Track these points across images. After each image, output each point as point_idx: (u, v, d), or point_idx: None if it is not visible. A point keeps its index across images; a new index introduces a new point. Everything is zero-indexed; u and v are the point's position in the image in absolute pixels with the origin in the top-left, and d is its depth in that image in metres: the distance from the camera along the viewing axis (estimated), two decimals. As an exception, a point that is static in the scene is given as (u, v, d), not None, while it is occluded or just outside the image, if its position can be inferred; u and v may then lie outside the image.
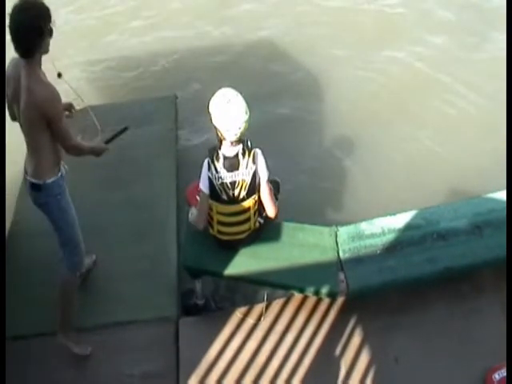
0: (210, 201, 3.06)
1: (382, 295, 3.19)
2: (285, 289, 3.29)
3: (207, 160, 2.98)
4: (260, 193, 3.08)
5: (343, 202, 4.21)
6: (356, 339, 3.08)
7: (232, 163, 2.94)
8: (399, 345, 3.04)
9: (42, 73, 2.63)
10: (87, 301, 3.32)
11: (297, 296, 3.28)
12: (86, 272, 3.43)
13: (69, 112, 2.98)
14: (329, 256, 3.24)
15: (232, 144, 2.93)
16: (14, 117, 2.77)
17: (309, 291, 3.16)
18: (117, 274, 3.50)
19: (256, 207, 3.10)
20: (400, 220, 3.37)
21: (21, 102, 2.60)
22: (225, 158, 2.94)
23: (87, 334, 3.21)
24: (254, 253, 3.22)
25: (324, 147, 4.72)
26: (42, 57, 2.62)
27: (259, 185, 3.04)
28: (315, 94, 5.18)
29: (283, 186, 3.55)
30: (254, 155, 2.96)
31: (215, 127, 2.93)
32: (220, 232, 3.16)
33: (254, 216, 3.12)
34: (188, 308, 3.42)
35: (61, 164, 2.85)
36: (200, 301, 3.41)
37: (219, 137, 2.95)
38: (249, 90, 5.03)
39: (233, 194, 3.01)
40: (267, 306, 3.25)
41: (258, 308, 3.26)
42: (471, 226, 3.28)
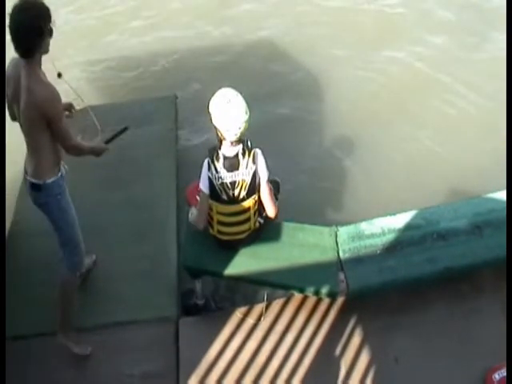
0: (210, 201, 3.06)
1: (382, 295, 3.19)
2: (285, 289, 3.29)
3: (207, 160, 2.98)
4: (260, 193, 3.08)
5: (343, 202, 4.21)
6: (356, 339, 3.07)
7: (232, 163, 2.94)
8: (399, 345, 3.04)
9: (42, 73, 2.63)
10: (87, 301, 3.32)
11: (297, 296, 3.28)
12: (86, 272, 3.44)
13: (69, 112, 2.98)
14: (329, 256, 3.24)
15: (232, 144, 2.93)
16: (14, 117, 2.77)
17: (309, 291, 3.15)
18: (117, 274, 3.50)
19: (256, 207, 3.10)
20: (400, 220, 3.37)
21: (21, 102, 2.60)
22: (225, 158, 2.94)
23: (87, 334, 3.21)
24: (254, 253, 3.22)
25: (324, 147, 4.72)
26: (42, 57, 2.62)
27: (259, 185, 3.04)
28: (315, 94, 5.18)
29: (283, 186, 3.56)
30: (254, 155, 2.96)
31: (215, 127, 2.93)
32: (220, 232, 3.16)
33: (254, 216, 3.12)
34: (188, 308, 3.42)
35: (61, 164, 2.85)
36: (200, 301, 3.41)
37: (219, 137, 2.95)
38: (249, 90, 5.03)
39: (233, 194, 3.01)
40: (267, 306, 3.25)
41: (258, 308, 3.26)
42: (471, 226, 3.28)
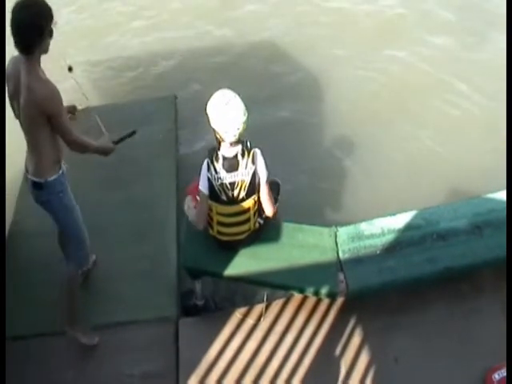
0: (210, 201, 3.06)
1: (382, 295, 3.19)
2: (284, 289, 3.29)
3: (206, 161, 2.97)
4: (259, 192, 3.08)
5: (343, 203, 4.21)
6: (356, 339, 3.07)
7: (231, 164, 2.93)
8: (399, 345, 3.04)
9: (42, 70, 2.62)
10: (87, 301, 3.32)
11: (296, 296, 3.28)
12: (86, 272, 3.44)
13: (72, 114, 2.99)
14: (328, 256, 3.24)
15: (231, 145, 2.92)
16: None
17: (308, 291, 3.15)
18: (117, 274, 3.50)
19: (256, 208, 3.10)
20: (400, 220, 3.36)
21: (20, 100, 2.60)
22: (224, 159, 2.93)
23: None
24: (254, 253, 3.22)
25: (324, 147, 4.72)
26: (53, 52, 2.61)
27: (259, 185, 3.04)
28: (315, 95, 5.18)
29: (283, 187, 3.54)
30: (254, 155, 2.95)
31: (213, 129, 2.91)
32: (220, 233, 3.16)
33: (254, 217, 3.12)
34: (188, 308, 3.42)
35: (61, 161, 2.85)
36: (200, 301, 3.41)
37: (218, 139, 2.95)
38: (249, 91, 5.03)
39: (232, 195, 3.00)
40: (267, 307, 3.25)
41: (258, 308, 3.26)
42: (471, 226, 3.27)
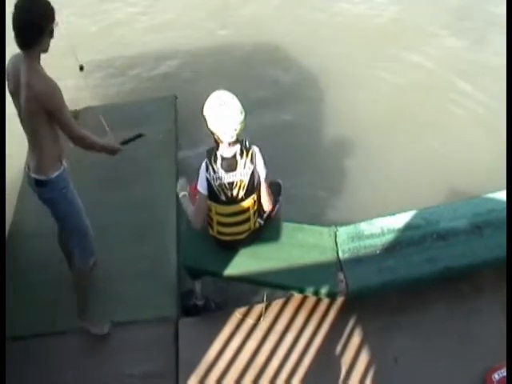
0: (209, 202, 3.05)
1: (382, 295, 3.19)
2: (284, 289, 3.29)
3: (205, 161, 2.96)
4: (259, 191, 3.07)
5: (343, 202, 4.21)
6: (355, 339, 3.07)
7: (230, 164, 2.93)
8: (399, 345, 3.03)
9: (41, 67, 2.63)
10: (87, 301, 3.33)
11: (296, 296, 3.28)
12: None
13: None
14: (328, 256, 3.23)
15: (229, 145, 2.91)
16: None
17: (308, 291, 3.15)
18: (117, 274, 3.50)
19: (255, 207, 3.09)
20: (399, 220, 3.36)
21: (21, 97, 2.60)
22: (222, 159, 2.92)
23: (87, 334, 3.21)
24: (254, 253, 3.22)
25: (324, 147, 4.72)
26: (64, 49, 2.61)
27: (258, 184, 3.04)
28: (316, 96, 5.18)
29: (284, 187, 3.54)
30: (252, 155, 2.94)
31: (211, 131, 2.90)
32: (220, 233, 3.16)
33: (254, 216, 3.12)
34: (188, 308, 3.42)
35: (63, 158, 2.85)
36: (200, 301, 3.41)
37: (216, 140, 2.93)
38: (249, 93, 5.10)
39: (231, 195, 2.99)
40: (267, 307, 3.25)
41: (258, 308, 3.26)
42: (471, 226, 3.27)
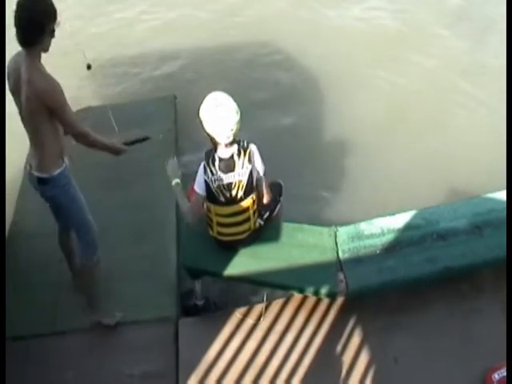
0: (208, 203, 3.05)
1: (382, 295, 3.19)
2: (284, 289, 3.29)
3: (203, 163, 2.94)
4: (258, 188, 3.08)
5: (343, 202, 4.21)
6: (355, 339, 3.07)
7: (228, 164, 2.91)
8: (399, 345, 3.03)
9: (42, 65, 2.62)
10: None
11: (296, 296, 3.28)
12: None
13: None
14: (328, 256, 3.23)
15: (226, 146, 2.90)
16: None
17: (308, 291, 3.15)
18: (117, 274, 3.50)
19: (255, 207, 3.09)
20: (399, 220, 3.36)
21: (22, 95, 2.60)
22: (220, 160, 2.91)
23: (87, 334, 3.22)
24: (254, 253, 3.22)
25: (325, 148, 4.72)
26: (66, 49, 2.61)
27: (257, 182, 3.04)
28: (317, 96, 5.18)
29: (284, 187, 3.54)
30: (250, 154, 2.93)
31: (208, 134, 2.89)
32: (220, 233, 3.16)
33: (254, 216, 3.12)
34: (188, 308, 3.42)
35: (64, 155, 2.85)
36: (200, 301, 3.41)
37: (213, 142, 2.92)
38: (250, 95, 5.09)
39: (230, 195, 2.99)
40: (267, 306, 3.25)
41: (258, 308, 3.26)
42: (471, 226, 3.27)
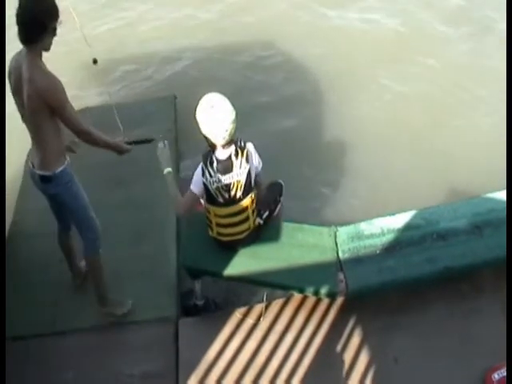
0: (207, 205, 3.05)
1: (382, 295, 3.19)
2: (284, 289, 3.29)
3: (201, 165, 2.94)
4: (258, 182, 3.09)
5: (343, 202, 4.21)
6: (355, 339, 3.07)
7: (225, 165, 2.91)
8: (399, 345, 3.03)
9: (43, 64, 2.63)
10: (87, 301, 3.33)
11: (296, 296, 3.28)
12: (86, 272, 3.44)
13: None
14: (328, 256, 3.23)
15: (223, 147, 2.89)
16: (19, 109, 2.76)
17: (308, 291, 3.15)
18: (117, 274, 3.50)
19: (254, 206, 3.09)
20: (399, 220, 3.36)
21: (23, 94, 2.60)
22: (218, 162, 2.90)
23: (87, 334, 3.22)
24: (254, 253, 3.22)
25: (325, 148, 4.72)
26: (74, 44, 2.61)
27: (257, 175, 3.04)
28: (318, 98, 5.18)
29: (284, 187, 3.55)
30: (248, 154, 2.93)
31: (204, 136, 2.89)
32: (220, 234, 3.16)
33: (253, 215, 3.12)
34: (188, 308, 3.42)
35: (66, 153, 2.87)
36: (199, 301, 3.41)
37: (210, 144, 2.91)
38: (252, 96, 5.10)
39: (229, 196, 2.98)
40: (267, 306, 3.25)
41: (258, 308, 3.26)
42: (471, 226, 3.27)
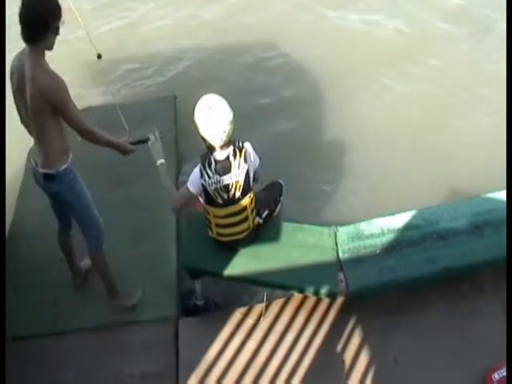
0: (206, 206, 3.05)
1: (382, 295, 3.19)
2: (284, 289, 3.29)
3: (199, 167, 2.94)
4: (256, 180, 3.09)
5: (343, 202, 4.21)
6: (355, 339, 3.07)
7: (224, 166, 2.90)
8: (399, 345, 3.03)
9: (46, 62, 2.63)
10: (87, 301, 3.33)
11: (296, 296, 3.28)
12: (86, 272, 3.44)
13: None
14: (328, 256, 3.23)
15: (221, 148, 2.89)
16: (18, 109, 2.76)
17: (308, 291, 3.15)
18: (117, 274, 3.49)
19: (253, 205, 3.10)
20: (399, 220, 3.36)
21: (26, 93, 2.60)
22: (216, 163, 2.89)
23: (87, 334, 3.22)
24: (254, 253, 3.22)
25: (325, 148, 4.72)
26: (77, 42, 2.60)
27: (255, 173, 3.04)
28: (318, 99, 5.17)
29: (285, 187, 3.55)
30: (246, 154, 2.93)
31: (202, 138, 2.88)
32: (219, 234, 3.16)
33: (252, 214, 3.12)
34: (188, 308, 3.42)
35: (69, 151, 2.86)
36: (200, 301, 3.41)
37: (208, 145, 2.91)
38: (252, 97, 5.09)
39: (228, 196, 2.98)
40: (267, 306, 3.25)
41: (258, 308, 3.26)
42: (471, 226, 3.27)
